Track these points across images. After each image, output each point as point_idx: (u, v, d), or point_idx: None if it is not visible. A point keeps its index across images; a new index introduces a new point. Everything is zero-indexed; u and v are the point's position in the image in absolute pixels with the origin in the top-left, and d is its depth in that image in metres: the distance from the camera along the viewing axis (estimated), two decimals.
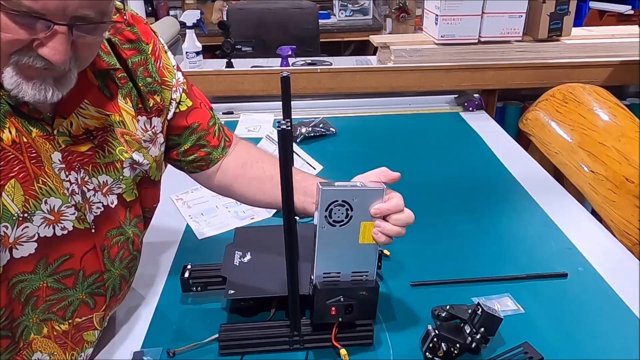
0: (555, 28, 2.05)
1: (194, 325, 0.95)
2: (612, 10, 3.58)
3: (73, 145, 0.76)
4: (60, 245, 0.76)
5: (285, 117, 0.82)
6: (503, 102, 2.35)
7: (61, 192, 0.74)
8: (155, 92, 0.88)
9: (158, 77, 0.89)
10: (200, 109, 0.97)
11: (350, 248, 0.82)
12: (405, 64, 2.03)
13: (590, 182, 1.45)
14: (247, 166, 1.01)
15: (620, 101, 1.62)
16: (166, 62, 0.91)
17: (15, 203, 0.69)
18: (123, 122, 0.84)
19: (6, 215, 0.68)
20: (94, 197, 0.80)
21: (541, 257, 1.15)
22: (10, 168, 0.68)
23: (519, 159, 1.64)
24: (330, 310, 0.84)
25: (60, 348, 0.82)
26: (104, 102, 0.80)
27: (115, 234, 0.85)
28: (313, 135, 1.77)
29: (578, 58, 2.06)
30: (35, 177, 0.71)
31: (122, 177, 0.84)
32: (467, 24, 1.99)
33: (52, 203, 0.73)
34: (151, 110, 0.88)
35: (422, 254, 1.16)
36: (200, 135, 0.97)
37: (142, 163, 0.87)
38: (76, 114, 0.76)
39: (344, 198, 0.79)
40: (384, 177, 0.84)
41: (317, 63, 2.33)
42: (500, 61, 2.04)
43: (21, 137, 0.69)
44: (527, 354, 0.86)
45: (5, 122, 0.68)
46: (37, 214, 0.72)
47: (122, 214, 0.86)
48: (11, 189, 0.69)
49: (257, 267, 0.96)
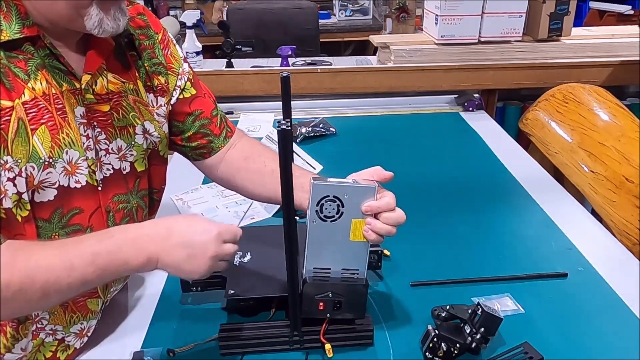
0: (555, 28, 2.05)
1: (194, 325, 0.95)
2: (612, 10, 3.57)
3: (96, 104, 0.82)
4: (73, 197, 0.80)
5: (285, 117, 0.82)
6: (503, 102, 2.35)
7: (79, 145, 0.79)
8: (160, 73, 0.93)
9: (164, 61, 0.94)
10: (203, 99, 1.01)
11: (340, 244, 0.83)
12: (405, 64, 2.03)
13: (590, 182, 1.45)
14: (249, 160, 1.03)
15: (620, 101, 1.62)
16: (174, 51, 0.96)
17: (44, 147, 0.75)
18: (137, 90, 0.89)
19: (34, 156, 0.74)
20: (105, 158, 0.85)
21: (541, 257, 1.15)
22: (41, 115, 0.75)
23: (519, 159, 1.64)
24: (318, 305, 0.84)
25: (61, 308, 0.84)
26: (119, 69, 0.86)
27: (121, 199, 0.88)
28: (313, 135, 1.77)
29: (578, 58, 2.06)
30: (60, 127, 0.77)
31: (134, 144, 0.88)
32: (467, 24, 1.99)
33: (71, 154, 0.79)
34: (156, 90, 0.93)
35: (422, 254, 1.16)
36: (203, 124, 1.00)
37: (153, 134, 0.91)
38: (99, 72, 0.82)
39: (335, 193, 0.79)
40: (377, 176, 0.85)
41: (317, 63, 2.33)
42: (500, 61, 2.04)
43: (50, 89, 0.76)
44: (527, 354, 0.86)
45: (37, 74, 0.75)
46: (59, 162, 0.77)
47: (131, 182, 0.90)
48: (42, 134, 0.75)
49: (257, 267, 0.96)
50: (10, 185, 0.72)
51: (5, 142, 0.71)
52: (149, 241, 0.75)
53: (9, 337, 0.81)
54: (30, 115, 0.73)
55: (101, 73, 0.82)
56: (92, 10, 0.74)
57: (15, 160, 0.72)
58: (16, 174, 0.72)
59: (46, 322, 0.84)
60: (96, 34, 0.76)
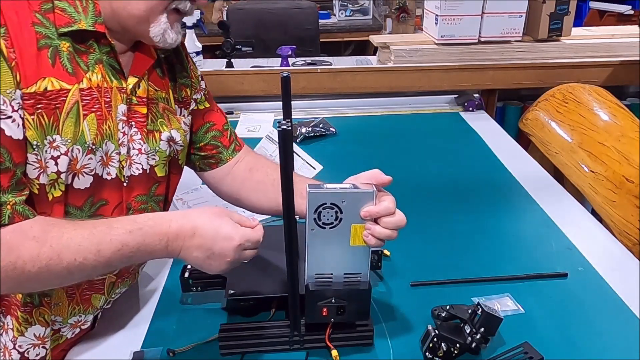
0: (555, 28, 2.05)
1: (194, 325, 0.95)
2: (612, 10, 3.57)
3: (136, 105, 0.87)
4: (104, 188, 0.85)
5: (286, 117, 0.82)
6: (503, 102, 2.35)
7: (115, 139, 0.84)
8: (187, 85, 0.98)
9: (190, 74, 0.99)
10: (216, 113, 1.06)
11: (341, 250, 0.82)
12: (405, 64, 2.03)
13: (590, 182, 1.45)
14: (253, 170, 1.06)
15: (620, 101, 1.62)
16: (194, 68, 1.02)
17: (90, 133, 0.80)
18: (167, 99, 0.93)
19: (81, 140, 0.79)
20: (136, 158, 0.88)
21: (541, 257, 1.15)
22: (92, 104, 0.80)
23: (519, 159, 1.64)
24: (321, 311, 0.84)
25: (67, 298, 0.87)
26: (156, 77, 0.91)
27: (142, 200, 0.91)
28: (313, 135, 1.77)
29: (578, 58, 2.06)
30: (105, 119, 0.82)
31: (158, 149, 0.91)
32: (467, 24, 1.99)
33: (109, 146, 0.83)
34: (182, 101, 0.97)
35: (422, 254, 1.16)
36: (215, 135, 1.04)
37: (178, 142, 0.94)
38: (142, 77, 0.87)
39: (332, 201, 0.79)
40: (375, 180, 0.84)
41: (317, 63, 2.33)
42: (500, 61, 2.04)
43: (104, 82, 0.81)
44: (527, 354, 0.86)
45: (95, 68, 0.80)
46: (99, 151, 0.82)
47: (151, 184, 0.93)
48: (91, 121, 0.80)
49: (257, 267, 0.96)
50: (52, 164, 0.76)
51: (57, 122, 0.76)
52: (175, 238, 0.79)
53: (21, 320, 0.83)
54: (84, 101, 0.79)
55: (143, 77, 0.88)
56: (161, 17, 0.80)
57: (64, 140, 0.77)
58: (62, 153, 0.77)
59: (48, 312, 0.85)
60: (156, 43, 0.82)
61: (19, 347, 0.84)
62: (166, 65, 0.94)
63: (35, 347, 0.85)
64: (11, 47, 0.71)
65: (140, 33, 0.82)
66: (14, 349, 0.83)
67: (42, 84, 0.74)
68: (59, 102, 0.76)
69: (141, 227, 0.77)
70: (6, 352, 0.83)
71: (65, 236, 0.73)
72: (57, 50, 0.76)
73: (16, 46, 0.71)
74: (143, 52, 0.87)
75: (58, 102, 0.75)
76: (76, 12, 0.77)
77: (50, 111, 0.75)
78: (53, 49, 0.75)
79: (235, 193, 1.06)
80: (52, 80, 0.75)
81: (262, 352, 0.89)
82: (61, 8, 0.76)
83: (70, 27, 0.76)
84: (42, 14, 0.75)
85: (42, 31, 0.74)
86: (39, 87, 0.74)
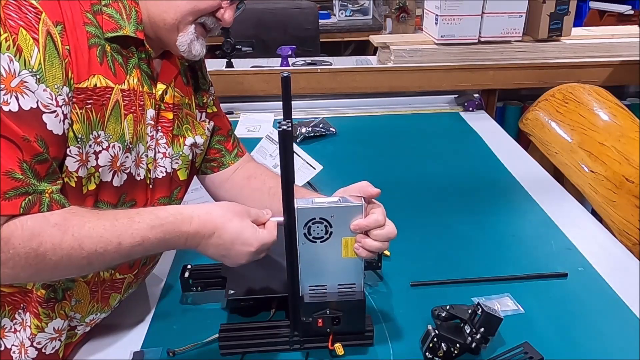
0: (555, 28, 2.05)
1: (194, 325, 0.95)
2: (612, 10, 3.57)
3: (164, 111, 0.90)
4: (134, 188, 0.87)
5: (286, 118, 0.82)
6: (503, 102, 2.35)
7: (145, 142, 0.87)
8: (206, 91, 1.02)
9: (207, 80, 1.03)
10: (223, 118, 1.08)
11: (333, 262, 0.83)
12: (405, 64, 2.03)
13: (590, 182, 1.45)
14: (252, 178, 1.07)
15: (620, 101, 1.62)
16: (207, 74, 1.04)
17: (129, 133, 0.83)
18: (190, 105, 0.97)
19: (122, 137, 0.82)
20: (161, 161, 0.91)
21: (541, 257, 1.15)
22: (130, 105, 0.83)
23: (519, 159, 1.64)
24: (317, 322, 0.85)
25: (90, 295, 0.88)
26: (181, 84, 0.94)
27: (163, 202, 0.93)
28: (313, 135, 1.77)
29: (578, 58, 2.06)
30: (139, 121, 0.85)
31: (182, 154, 0.94)
32: (467, 24, 1.99)
33: (139, 148, 0.86)
34: (202, 106, 1.01)
35: (422, 254, 1.16)
36: (219, 140, 1.06)
37: (200, 146, 0.98)
38: (170, 85, 0.91)
39: (321, 215, 0.79)
40: (364, 192, 0.83)
41: (317, 63, 2.33)
42: (500, 61, 2.04)
43: (139, 86, 0.84)
44: (527, 354, 0.86)
45: (132, 72, 0.83)
46: (134, 150, 0.85)
47: (174, 188, 0.95)
48: (130, 121, 0.83)
49: (257, 267, 0.95)
50: (93, 158, 0.79)
51: (103, 118, 0.79)
52: (195, 236, 0.80)
53: (43, 317, 0.82)
54: (124, 102, 0.82)
55: (170, 84, 0.91)
56: (190, 28, 0.84)
57: (107, 136, 0.80)
58: (103, 148, 0.80)
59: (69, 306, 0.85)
60: (181, 52, 0.85)
61: (37, 344, 0.83)
62: (190, 72, 0.97)
63: (53, 341, 0.85)
64: (67, 44, 0.73)
65: (168, 41, 0.85)
66: (31, 346, 0.82)
67: (93, 80, 0.77)
68: (105, 99, 0.79)
69: (163, 223, 0.78)
70: (22, 349, 0.83)
71: (87, 225, 0.73)
72: (104, 50, 0.79)
73: (71, 43, 0.74)
74: (170, 60, 0.90)
75: (104, 99, 0.79)
76: (122, 18, 0.80)
77: (98, 107, 0.78)
78: (101, 48, 0.78)
79: (233, 199, 1.05)
80: (100, 78, 0.78)
81: (262, 352, 0.89)
82: (108, 14, 0.80)
83: (116, 33, 0.79)
84: (93, 15, 0.78)
85: (91, 31, 0.77)
86: (90, 83, 0.77)
